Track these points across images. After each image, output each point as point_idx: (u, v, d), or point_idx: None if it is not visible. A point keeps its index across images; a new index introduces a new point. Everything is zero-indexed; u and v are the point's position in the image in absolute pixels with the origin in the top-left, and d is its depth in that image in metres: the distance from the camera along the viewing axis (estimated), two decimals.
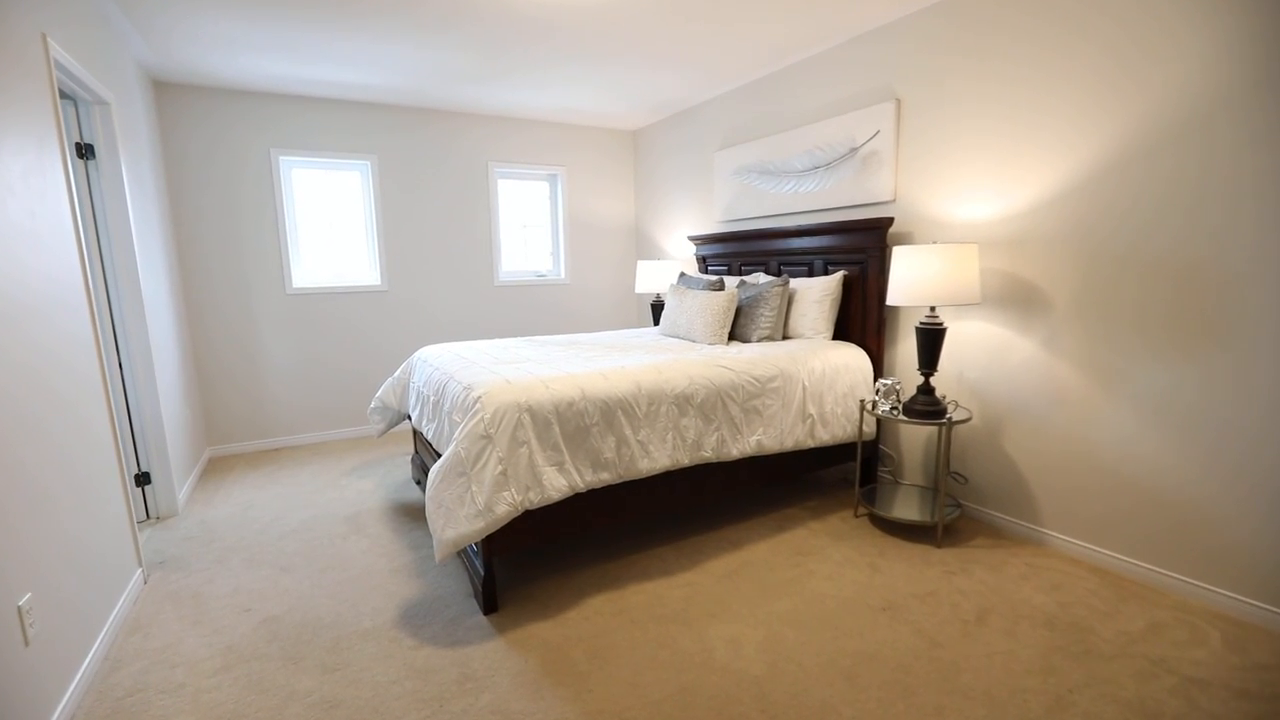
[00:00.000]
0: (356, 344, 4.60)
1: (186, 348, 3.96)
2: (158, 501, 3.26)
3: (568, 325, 5.40)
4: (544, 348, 3.33)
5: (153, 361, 3.15)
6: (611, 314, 5.62)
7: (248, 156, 4.14)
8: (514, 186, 5.13)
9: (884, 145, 3.24)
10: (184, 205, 4.00)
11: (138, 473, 3.20)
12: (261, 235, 4.23)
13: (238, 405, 4.31)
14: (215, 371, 4.22)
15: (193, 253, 4.06)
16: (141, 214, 3.27)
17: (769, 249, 3.93)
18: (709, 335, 3.46)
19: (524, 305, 5.19)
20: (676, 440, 2.60)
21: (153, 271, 3.38)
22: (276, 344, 4.36)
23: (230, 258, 4.16)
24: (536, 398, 2.30)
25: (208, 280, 4.12)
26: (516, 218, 5.18)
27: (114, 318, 3.06)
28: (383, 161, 4.52)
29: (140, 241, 3.18)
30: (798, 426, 2.97)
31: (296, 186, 4.39)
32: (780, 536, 2.89)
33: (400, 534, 2.98)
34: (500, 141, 4.92)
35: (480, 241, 4.94)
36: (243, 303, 4.23)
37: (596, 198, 5.39)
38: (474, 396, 2.29)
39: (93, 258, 2.94)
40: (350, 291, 4.53)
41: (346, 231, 4.59)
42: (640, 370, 2.63)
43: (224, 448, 4.30)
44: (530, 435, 2.25)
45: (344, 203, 4.55)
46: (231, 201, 4.12)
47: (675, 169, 4.97)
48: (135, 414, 3.16)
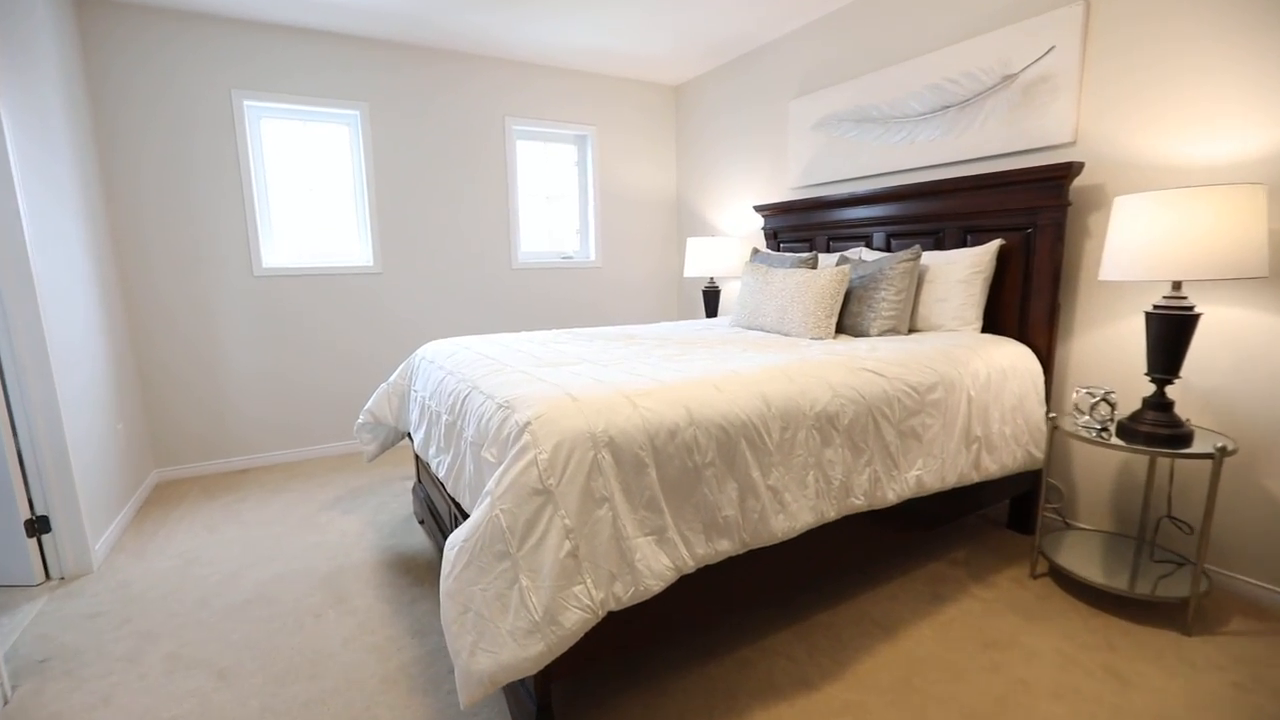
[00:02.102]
0: (342, 339, 3.71)
1: (120, 344, 3.06)
2: (62, 556, 2.36)
3: (600, 317, 4.51)
4: (593, 343, 2.44)
5: (50, 364, 2.25)
6: (651, 303, 4.73)
7: (203, 100, 3.23)
8: (536, 149, 4.24)
9: (1062, 67, 2.36)
10: (116, 162, 3.10)
11: (30, 518, 2.30)
12: (221, 201, 3.33)
13: (191, 417, 3.41)
14: (161, 374, 3.32)
15: (129, 223, 3.16)
16: (37, 165, 2.36)
17: (869, 217, 3.05)
18: (810, 327, 2.58)
19: (548, 293, 4.30)
20: (820, 483, 1.72)
21: (58, 243, 2.47)
22: (240, 339, 3.46)
23: (179, 229, 3.26)
24: (620, 424, 1.42)
25: (149, 258, 3.22)
26: (538, 187, 4.29)
27: None
28: (375, 112, 3.62)
29: (32, 202, 2.28)
30: (961, 455, 2.10)
31: (267, 141, 3.49)
32: (943, 612, 2.02)
33: (398, 607, 2.10)
34: (519, 92, 4.02)
35: (495, 215, 4.05)
36: (196, 286, 3.33)
37: (632, 164, 4.50)
38: (518, 422, 1.40)
39: None
40: (335, 273, 3.63)
41: (330, 199, 3.69)
42: (763, 378, 1.74)
43: (176, 469, 3.40)
44: (614, 487, 1.38)
45: (327, 163, 3.65)
46: (182, 158, 3.22)
47: (732, 127, 4.08)
48: (25, 436, 2.26)
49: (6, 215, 2.14)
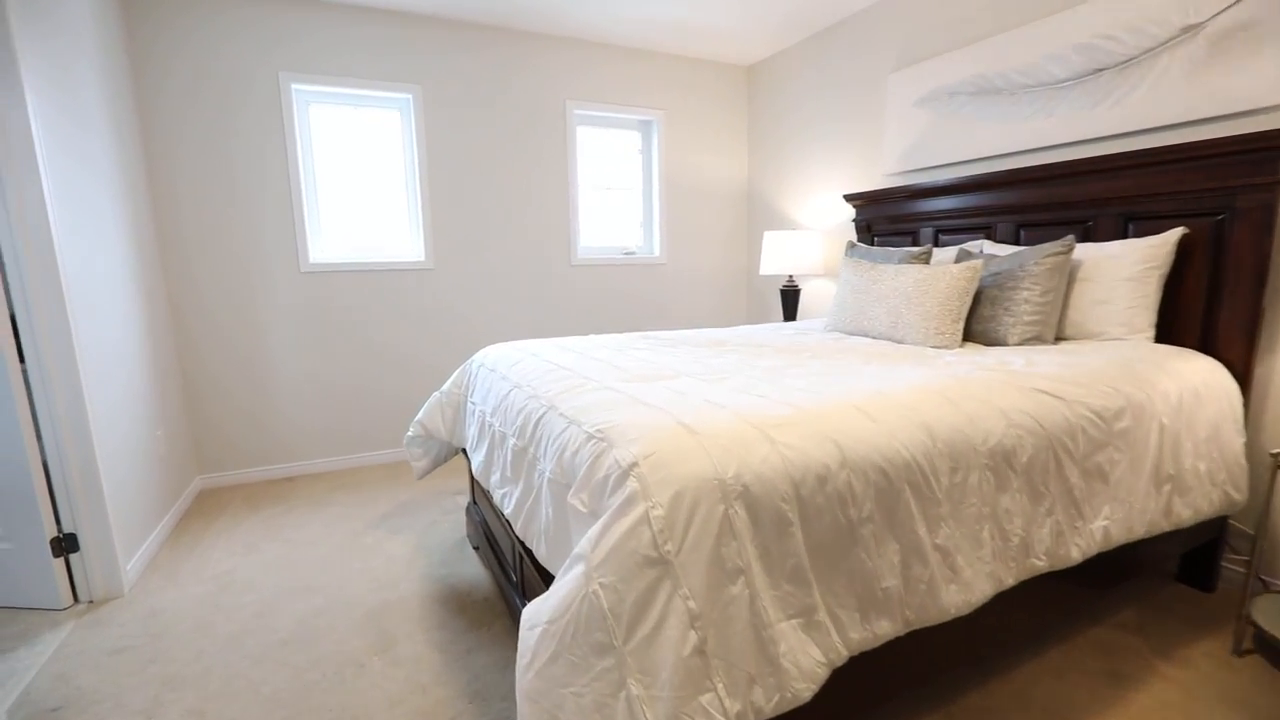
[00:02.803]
0: (391, 340, 3.45)
1: (162, 344, 2.86)
2: (90, 577, 2.14)
3: (664, 318, 4.16)
4: (677, 350, 2.08)
5: (77, 368, 2.03)
6: (718, 303, 4.35)
7: (250, 82, 3.02)
8: (597, 136, 3.91)
9: (1270, 10, 1.88)
10: (158, 147, 2.90)
11: (56, 536, 2.09)
12: (267, 192, 3.11)
13: (235, 422, 3.20)
14: (204, 377, 3.12)
15: (172, 214, 2.96)
16: (69, 147, 2.15)
17: (991, 204, 2.60)
18: (932, 334, 2.17)
19: (608, 291, 3.97)
20: (996, 540, 1.32)
21: (93, 233, 2.26)
22: (286, 339, 3.24)
23: (224, 221, 3.05)
24: (756, 466, 1.06)
25: (193, 252, 3.02)
26: (599, 177, 3.96)
27: (10, 304, 1.95)
28: (429, 95, 3.35)
29: (60, 192, 2.06)
30: (1151, 498, 1.66)
31: (315, 128, 3.26)
32: (1129, 698, 1.58)
33: (452, 658, 1.79)
34: (581, 74, 3.70)
35: (554, 207, 3.74)
36: (242, 283, 3.12)
37: (700, 152, 4.13)
38: (620, 461, 1.05)
39: None
40: (384, 269, 3.38)
41: (380, 191, 3.44)
42: (919, 402, 1.35)
43: (219, 476, 3.21)
44: (750, 555, 1.02)
45: (377, 152, 3.41)
46: (227, 144, 3.01)
47: (814, 108, 3.66)
48: (51, 446, 2.05)
49: (30, 201, 1.92)
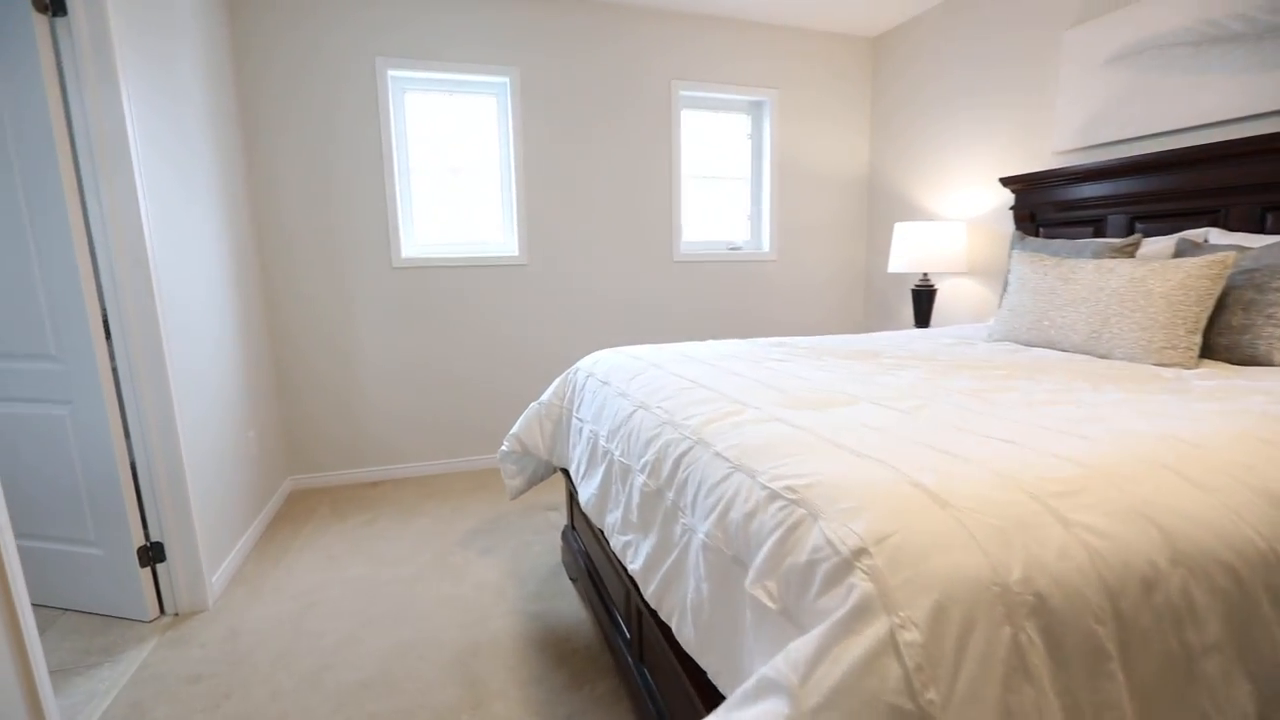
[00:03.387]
0: (484, 341, 3.25)
1: (257, 342, 2.77)
2: (176, 589, 2.02)
3: (775, 321, 3.76)
4: (824, 361, 1.70)
5: (167, 370, 1.90)
6: (833, 303, 3.90)
7: (348, 69, 2.88)
8: (703, 120, 3.57)
9: None
10: (258, 145, 2.82)
11: (144, 544, 1.97)
12: (362, 185, 2.97)
13: (326, 423, 3.10)
14: (299, 376, 3.03)
15: (269, 210, 2.87)
16: (166, 146, 2.03)
17: (1224, 183, 2.04)
18: (1156, 347, 1.68)
19: (713, 290, 3.62)
20: None
21: (190, 237, 2.15)
22: (377, 337, 3.10)
23: (320, 214, 2.94)
24: (1051, 562, 0.68)
25: (287, 249, 2.92)
26: (704, 165, 3.61)
27: (103, 301, 1.84)
28: (526, 79, 3.12)
29: (153, 181, 1.94)
30: None
31: (410, 117, 3.10)
32: None
33: None
34: (688, 51, 3.36)
35: (656, 198, 3.43)
36: (336, 278, 3.00)
37: (818, 135, 3.69)
38: (835, 544, 0.70)
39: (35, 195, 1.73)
40: (476, 265, 3.18)
41: (474, 182, 3.25)
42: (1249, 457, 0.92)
43: (309, 478, 3.11)
44: (1052, 707, 0.63)
45: (472, 140, 3.21)
46: (323, 136, 2.89)
47: (956, 81, 3.15)
48: (141, 452, 1.93)
49: (120, 197, 1.79)
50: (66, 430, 1.90)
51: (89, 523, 1.96)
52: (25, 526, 2.05)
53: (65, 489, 1.95)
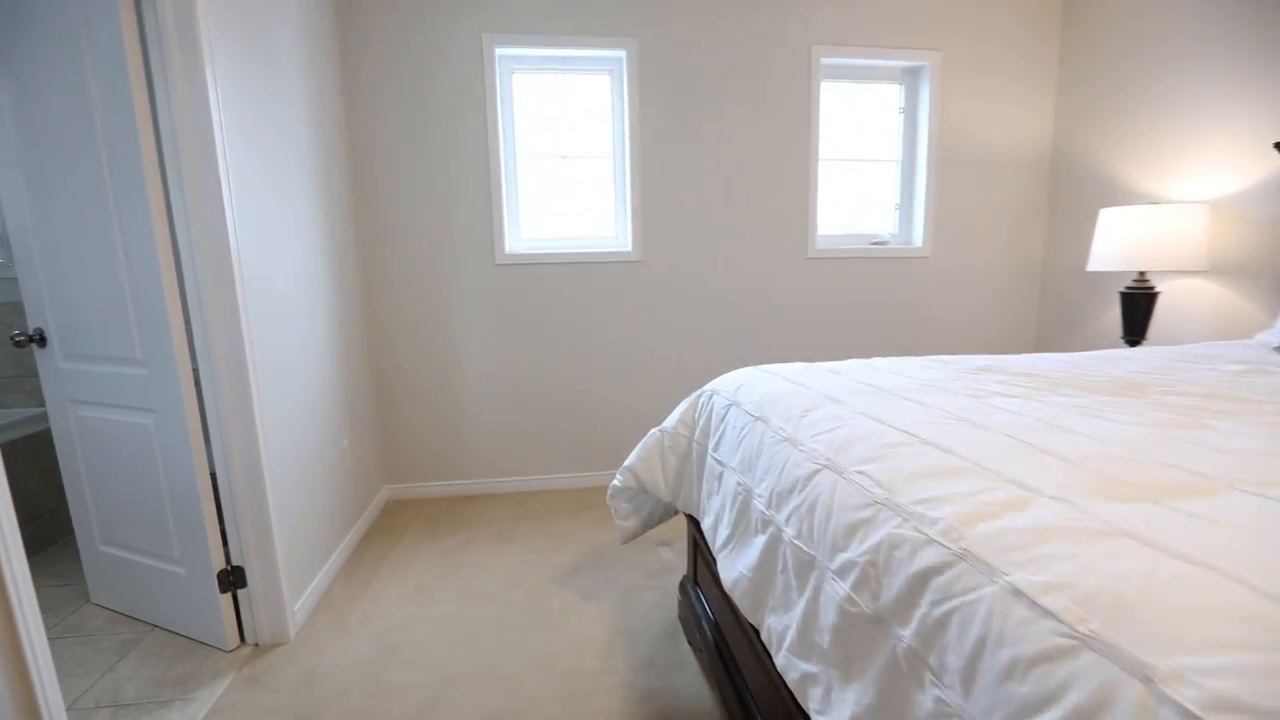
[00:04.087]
0: (591, 347, 2.93)
1: (354, 345, 2.60)
2: (256, 618, 1.83)
3: (929, 328, 3.17)
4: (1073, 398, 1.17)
5: (249, 377, 1.70)
6: (1001, 309, 3.24)
7: (452, 52, 2.65)
8: (846, 93, 3.05)
9: None
10: (360, 136, 2.64)
11: (225, 569, 1.79)
12: (465, 174, 2.73)
13: (424, 431, 2.90)
14: (396, 381, 2.85)
15: (369, 204, 2.70)
16: (258, 125, 1.84)
17: None
18: None
19: (853, 291, 3.09)
20: None
21: (280, 227, 1.96)
22: (477, 341, 2.86)
23: (421, 206, 2.73)
24: None
25: (387, 245, 2.74)
26: (844, 146, 3.09)
27: (186, 307, 1.65)
28: (645, 53, 2.76)
29: (242, 177, 1.74)
30: None
31: (517, 100, 2.83)
32: None
33: None
34: (832, 11, 2.86)
35: (790, 185, 2.95)
36: (437, 276, 2.79)
37: (988, 106, 3.06)
38: None
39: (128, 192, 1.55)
40: (585, 261, 2.86)
41: (584, 170, 2.93)
42: None
43: (406, 489, 2.93)
44: None
45: (582, 125, 2.90)
46: (425, 122, 2.67)
47: (1195, 27, 2.42)
48: (222, 468, 1.74)
49: (203, 194, 1.60)
50: (152, 439, 1.74)
51: (173, 539, 1.81)
52: (118, 536, 1.94)
53: (152, 502, 1.81)
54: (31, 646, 1.04)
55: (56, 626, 1.96)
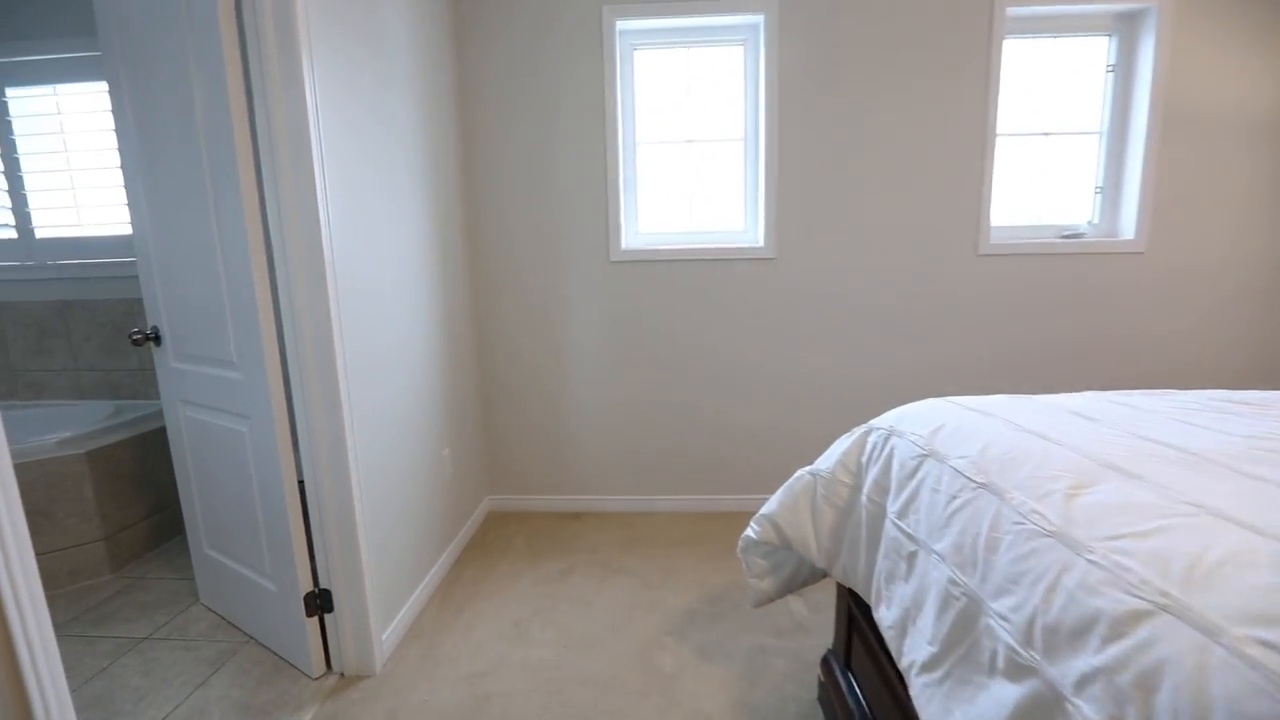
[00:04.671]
0: (716, 352, 2.59)
1: (460, 345, 2.44)
2: (342, 645, 1.67)
3: (1144, 346, 2.53)
4: None
5: (337, 373, 1.53)
6: (1244, 319, 2.53)
7: (568, 25, 2.41)
8: (1033, 51, 2.48)
9: None
10: (469, 116, 2.48)
11: (312, 591, 1.65)
12: (580, 161, 2.49)
13: (529, 440, 2.71)
14: (501, 385, 2.67)
15: (477, 193, 2.53)
16: (363, 113, 1.68)
17: None
18: None
19: (1038, 295, 2.52)
20: None
21: (382, 223, 1.80)
22: (588, 344, 2.61)
23: (530, 199, 2.52)
24: None
25: (496, 238, 2.56)
26: (1028, 118, 2.52)
27: (278, 310, 1.51)
28: (785, 18, 2.37)
29: (342, 169, 1.58)
30: None
31: (639, 79, 2.55)
32: None
33: None
34: None
35: (958, 167, 2.44)
36: (548, 272, 2.57)
37: (1232, 56, 2.36)
38: None
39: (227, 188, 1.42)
40: (709, 258, 2.53)
41: (711, 156, 2.59)
42: None
43: (509, 500, 2.76)
44: None
45: (710, 106, 2.56)
46: (537, 104, 2.46)
47: None
48: (311, 483, 1.59)
49: (297, 188, 1.44)
50: (246, 447, 1.63)
51: (265, 554, 1.70)
52: (220, 542, 1.88)
53: (247, 512, 1.71)
54: (36, 673, 0.87)
55: (165, 626, 1.93)
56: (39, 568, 2.09)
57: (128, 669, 1.74)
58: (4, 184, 2.60)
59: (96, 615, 2.01)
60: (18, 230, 2.64)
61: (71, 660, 1.78)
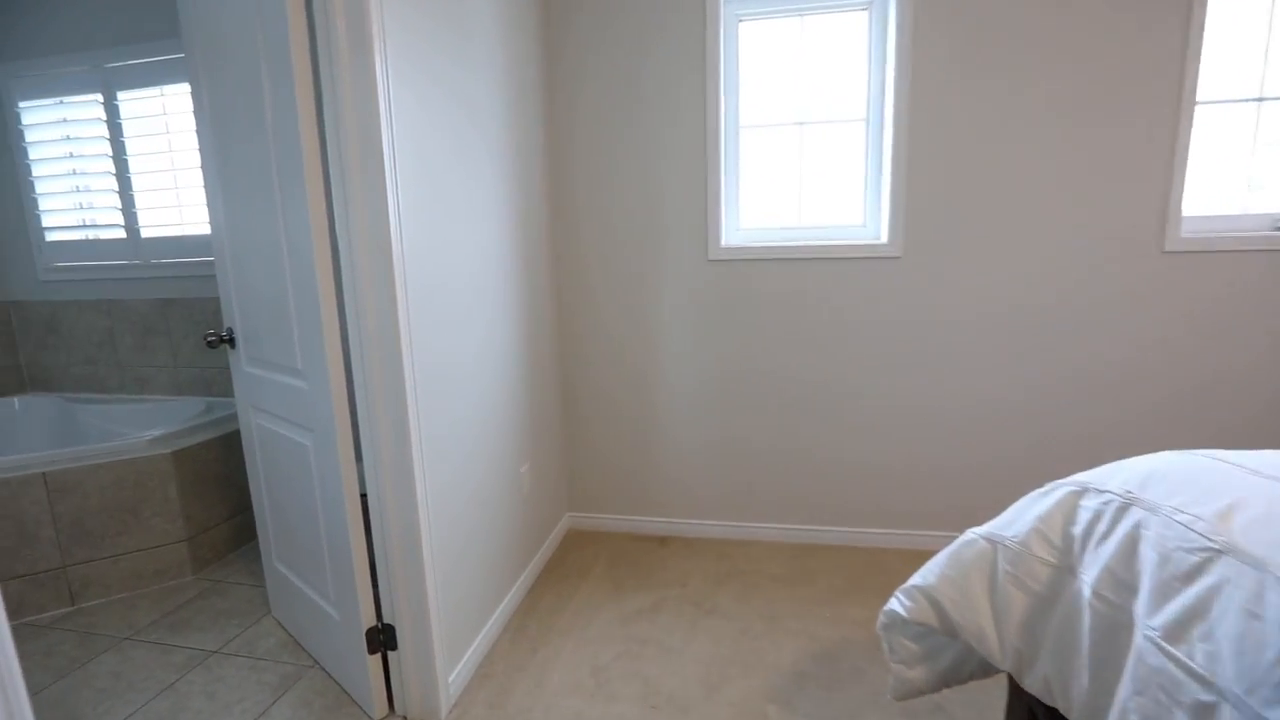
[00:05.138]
0: (827, 367, 2.26)
1: (544, 356, 2.25)
2: (406, 685, 1.50)
3: None
4: None
5: (405, 384, 1.35)
6: None
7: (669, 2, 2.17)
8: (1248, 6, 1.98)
9: None
10: (558, 98, 2.28)
11: (375, 625, 1.48)
12: (676, 149, 2.23)
13: (615, 455, 2.48)
14: (586, 394, 2.46)
15: (564, 185, 2.33)
16: (441, 93, 1.50)
17: None
18: None
19: (1245, 305, 2.02)
20: None
21: (458, 213, 1.62)
22: (681, 351, 2.35)
23: (618, 191, 2.29)
24: None
25: (579, 233, 2.35)
26: (1234, 81, 2.02)
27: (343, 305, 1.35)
28: None
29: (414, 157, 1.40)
30: None
31: (745, 55, 2.26)
32: None
33: None
34: None
35: (1139, 144, 1.98)
36: (637, 270, 2.33)
37: None
38: None
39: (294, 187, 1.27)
40: (823, 257, 2.20)
41: (825, 139, 2.26)
42: None
43: (588, 519, 2.55)
44: None
45: (825, 82, 2.23)
46: (631, 84, 2.22)
47: None
48: (376, 508, 1.43)
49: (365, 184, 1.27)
50: (310, 463, 1.49)
51: (329, 578, 1.56)
52: (287, 556, 1.76)
53: (312, 533, 1.58)
54: None
55: (235, 640, 1.85)
56: (127, 567, 2.07)
57: (194, 687, 1.65)
58: (115, 185, 2.67)
59: (175, 620, 1.97)
60: (126, 230, 2.71)
61: (145, 670, 1.72)
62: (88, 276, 2.79)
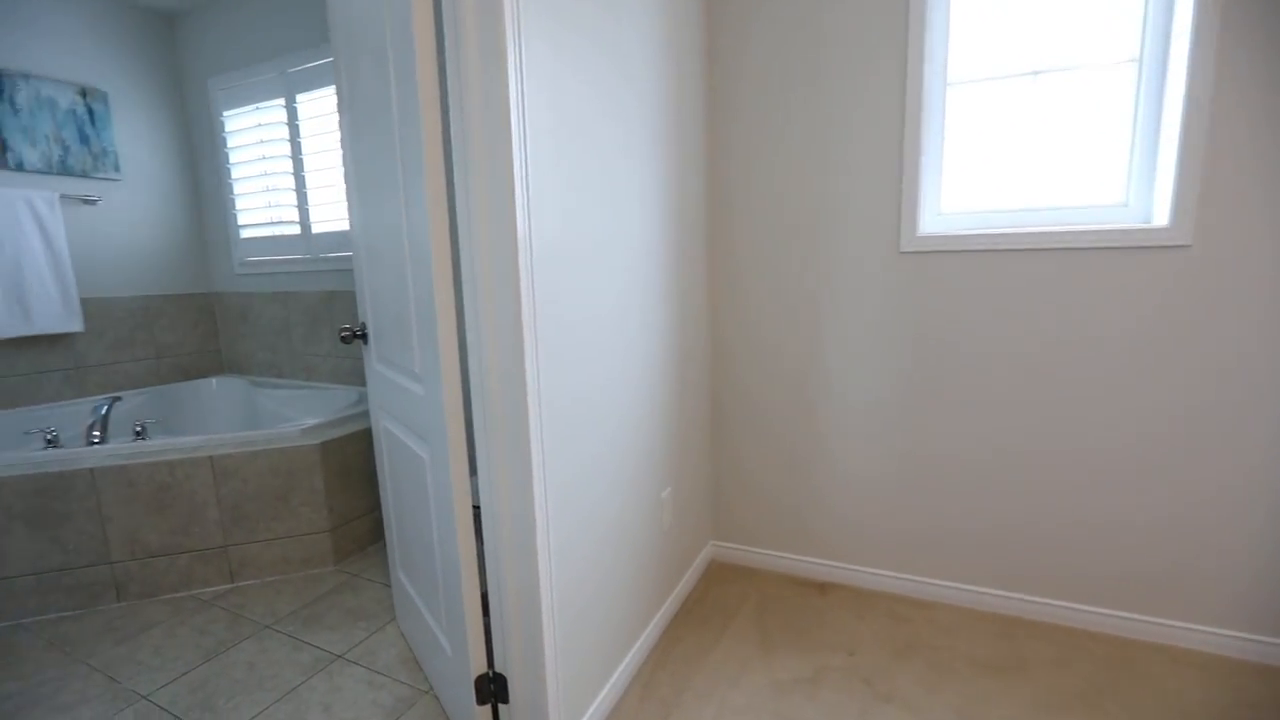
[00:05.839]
0: (1066, 391, 1.73)
1: (689, 365, 1.96)
2: None
3: None
4: None
5: (528, 417, 1.12)
6: None
7: None
8: None
9: None
10: (721, 62, 1.95)
11: (485, 673, 1.28)
12: (862, 114, 1.81)
13: (769, 480, 2.13)
14: (736, 407, 2.13)
15: (724, 167, 2.00)
16: (579, 74, 1.25)
17: None
18: None
19: None
20: None
21: (599, 206, 1.36)
22: (862, 362, 1.93)
23: (787, 169, 1.92)
24: None
25: (738, 220, 2.01)
26: None
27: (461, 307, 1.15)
28: None
29: (549, 145, 1.15)
30: None
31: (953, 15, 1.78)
32: None
33: None
34: None
35: None
36: (806, 269, 1.95)
37: None
38: None
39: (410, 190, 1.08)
40: (1059, 247, 1.66)
41: (1067, 92, 1.71)
42: None
43: (735, 551, 2.22)
44: None
45: (1069, 17, 1.68)
46: (808, 26, 1.84)
47: None
48: (491, 539, 1.22)
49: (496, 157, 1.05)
50: (426, 477, 1.33)
51: (442, 604, 1.39)
52: (408, 569, 1.64)
53: (427, 554, 1.42)
54: None
55: (359, 646, 1.78)
56: (278, 552, 2.09)
57: (314, 694, 1.59)
58: (293, 183, 2.82)
59: (311, 612, 1.96)
60: (300, 226, 2.85)
61: (275, 667, 1.70)
62: (270, 270, 2.98)
